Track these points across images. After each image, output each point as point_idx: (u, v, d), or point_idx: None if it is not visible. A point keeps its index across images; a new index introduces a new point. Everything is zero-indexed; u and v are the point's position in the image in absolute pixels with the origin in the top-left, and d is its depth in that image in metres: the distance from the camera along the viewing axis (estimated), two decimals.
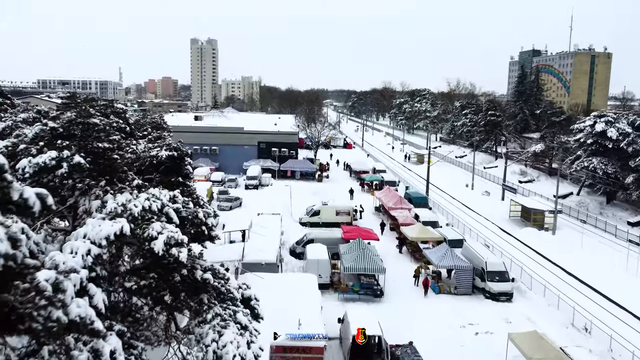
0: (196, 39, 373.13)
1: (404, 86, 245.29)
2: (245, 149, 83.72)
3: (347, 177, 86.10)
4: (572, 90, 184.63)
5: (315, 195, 69.03)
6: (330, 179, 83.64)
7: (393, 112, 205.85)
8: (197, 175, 71.89)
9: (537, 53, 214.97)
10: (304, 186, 75.84)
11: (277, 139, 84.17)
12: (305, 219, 53.66)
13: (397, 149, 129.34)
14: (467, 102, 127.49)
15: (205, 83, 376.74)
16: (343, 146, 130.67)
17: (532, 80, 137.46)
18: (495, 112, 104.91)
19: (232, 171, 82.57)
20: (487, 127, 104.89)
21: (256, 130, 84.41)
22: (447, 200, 70.15)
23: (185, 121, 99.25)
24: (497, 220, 59.27)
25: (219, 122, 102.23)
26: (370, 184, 73.87)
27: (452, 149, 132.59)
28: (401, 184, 77.52)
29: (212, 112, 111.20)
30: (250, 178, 73.38)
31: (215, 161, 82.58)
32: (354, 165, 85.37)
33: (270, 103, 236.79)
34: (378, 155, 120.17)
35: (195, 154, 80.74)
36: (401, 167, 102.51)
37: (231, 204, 60.36)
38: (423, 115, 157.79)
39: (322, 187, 75.64)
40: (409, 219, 49.89)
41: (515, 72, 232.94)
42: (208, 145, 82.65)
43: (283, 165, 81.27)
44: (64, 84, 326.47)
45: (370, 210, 61.69)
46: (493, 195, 72.52)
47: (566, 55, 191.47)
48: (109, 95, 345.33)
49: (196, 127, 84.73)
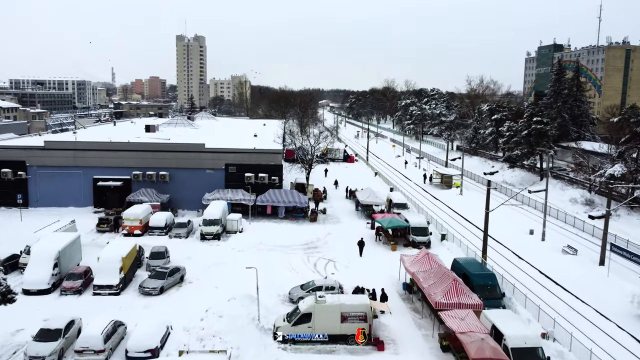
0: (182, 36, 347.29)
1: (409, 85, 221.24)
2: (208, 175, 59.10)
3: (351, 212, 61.54)
4: (604, 89, 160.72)
5: (306, 255, 44.62)
6: (329, 216, 59.13)
7: (398, 115, 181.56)
8: (129, 218, 47.51)
9: (559, 48, 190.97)
10: (289, 232, 51.34)
11: (253, 159, 59.48)
12: (284, 327, 29.06)
13: (410, 161, 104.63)
14: (497, 105, 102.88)
15: (192, 83, 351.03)
16: (343, 159, 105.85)
17: (570, 78, 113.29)
18: (542, 119, 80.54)
19: (190, 206, 58.11)
20: (531, 137, 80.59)
21: (222, 148, 59.62)
22: (521, 271, 45.36)
23: (134, 132, 74.41)
24: None
25: (182, 133, 77.41)
26: (389, 232, 49.37)
27: (475, 162, 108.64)
28: (431, 227, 53.00)
29: (175, 119, 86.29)
30: (208, 223, 48.71)
31: (164, 192, 57.94)
32: (361, 196, 60.68)
33: (260, 104, 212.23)
34: (388, 172, 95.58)
35: (135, 183, 56.12)
36: (419, 191, 77.91)
37: (163, 282, 35.70)
38: (437, 119, 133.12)
39: (316, 234, 51.10)
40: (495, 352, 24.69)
41: (532, 70, 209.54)
42: (154, 169, 57.94)
43: (261, 198, 56.73)
44: (39, 84, 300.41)
45: (395, 287, 37.32)
46: (581, 253, 47.23)
47: (595, 49, 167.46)
48: (86, 96, 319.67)
49: (134, 145, 59.89)
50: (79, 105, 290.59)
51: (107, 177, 57.92)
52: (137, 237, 48.11)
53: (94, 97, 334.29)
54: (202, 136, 73.36)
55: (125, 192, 57.49)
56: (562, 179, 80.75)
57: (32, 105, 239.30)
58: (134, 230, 48.53)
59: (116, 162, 57.84)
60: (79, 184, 58.08)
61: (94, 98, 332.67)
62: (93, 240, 47.44)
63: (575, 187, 76.28)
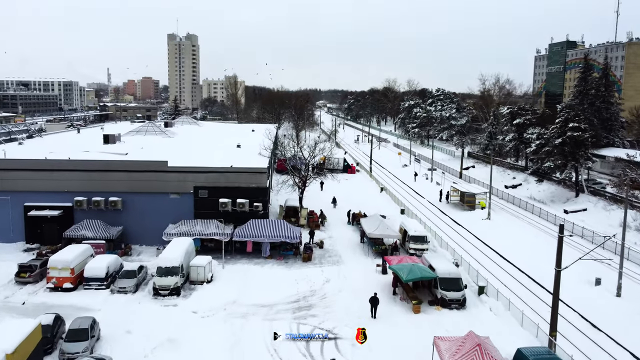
0: (174, 35, 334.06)
1: (412, 85, 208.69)
2: (173, 202, 46.26)
3: (354, 245, 48.82)
4: (625, 89, 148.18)
5: (296, 321, 31.99)
6: (327, 251, 46.46)
7: (401, 117, 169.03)
8: (55, 267, 35.01)
9: (572, 45, 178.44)
10: (274, 281, 38.65)
11: (230, 180, 46.56)
12: None
13: (419, 171, 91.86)
14: (519, 108, 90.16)
15: (184, 83, 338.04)
16: (343, 169, 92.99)
17: (598, 78, 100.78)
18: (580, 125, 67.91)
19: (150, 240, 45.57)
20: (566, 146, 68.03)
21: (190, 166, 46.66)
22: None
23: (91, 143, 61.55)
24: None
25: (149, 144, 64.61)
26: (412, 286, 36.56)
27: (489, 171, 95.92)
28: (462, 272, 40.25)
29: (146, 125, 73.22)
30: (163, 272, 35.91)
31: (115, 223, 45.16)
32: (367, 226, 47.65)
33: (254, 106, 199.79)
34: (395, 186, 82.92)
35: (78, 212, 43.52)
36: (435, 212, 65.23)
37: None
38: (446, 123, 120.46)
39: (311, 284, 38.41)
40: None
41: (542, 69, 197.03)
42: (102, 194, 45.08)
43: (240, 232, 43.94)
44: (23, 85, 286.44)
45: None
46: None
47: (614, 46, 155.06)
48: (73, 98, 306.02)
49: (77, 163, 46.65)
50: (65, 107, 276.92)
51: (42, 205, 45.07)
52: (68, 293, 35.53)
53: (82, 98, 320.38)
54: (175, 148, 60.68)
55: (67, 223, 44.72)
56: (601, 195, 68.23)
57: (14, 108, 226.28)
58: (62, 284, 35.73)
59: (53, 185, 44.99)
60: (6, 213, 45.22)
61: (82, 99, 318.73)
62: (6, 299, 34.66)
63: (619, 205, 63.72)
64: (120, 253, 43.27)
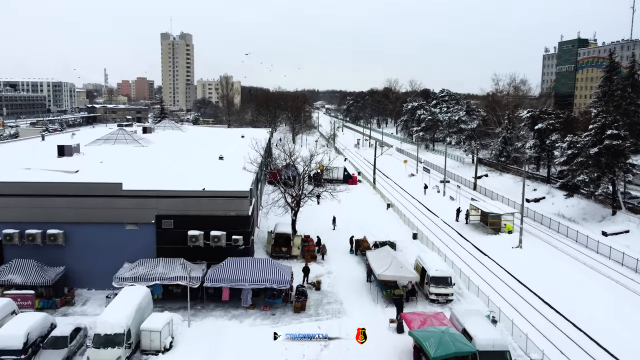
0: (167, 34, 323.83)
1: (414, 85, 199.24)
2: (129, 233, 36.48)
3: (360, 285, 39.20)
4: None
5: None
6: (325, 295, 36.83)
7: (403, 120, 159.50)
8: None
9: (583, 43, 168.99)
10: (256, 348, 28.93)
11: (202, 207, 36.76)
12: None
13: (429, 183, 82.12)
14: (541, 111, 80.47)
15: (178, 84, 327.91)
16: (343, 180, 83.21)
17: (624, 78, 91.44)
18: (620, 132, 58.33)
19: (101, 283, 35.81)
20: (602, 157, 58.55)
21: (151, 189, 36.80)
22: None
23: (45, 155, 51.77)
24: None
25: (118, 156, 54.78)
26: None
27: (507, 181, 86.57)
28: (502, 331, 30.66)
29: (117, 132, 63.24)
30: (103, 342, 26.26)
31: (55, 262, 35.48)
32: (376, 264, 37.88)
33: (249, 108, 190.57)
34: (403, 200, 73.28)
35: (8, 248, 33.80)
36: (454, 236, 55.60)
37: None
38: (455, 127, 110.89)
39: (304, 351, 28.70)
40: None
41: (551, 68, 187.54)
42: (39, 225, 35.30)
43: (213, 275, 34.17)
44: (10, 86, 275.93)
45: None
46: None
47: (630, 44, 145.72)
48: (63, 99, 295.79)
49: (4, 186, 36.84)
50: (54, 109, 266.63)
51: None
52: None
53: (72, 99, 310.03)
54: (143, 163, 50.95)
55: None
56: None
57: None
58: None
59: None
60: None
61: (72, 100, 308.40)
62: None
63: None
64: (60, 302, 33.67)
